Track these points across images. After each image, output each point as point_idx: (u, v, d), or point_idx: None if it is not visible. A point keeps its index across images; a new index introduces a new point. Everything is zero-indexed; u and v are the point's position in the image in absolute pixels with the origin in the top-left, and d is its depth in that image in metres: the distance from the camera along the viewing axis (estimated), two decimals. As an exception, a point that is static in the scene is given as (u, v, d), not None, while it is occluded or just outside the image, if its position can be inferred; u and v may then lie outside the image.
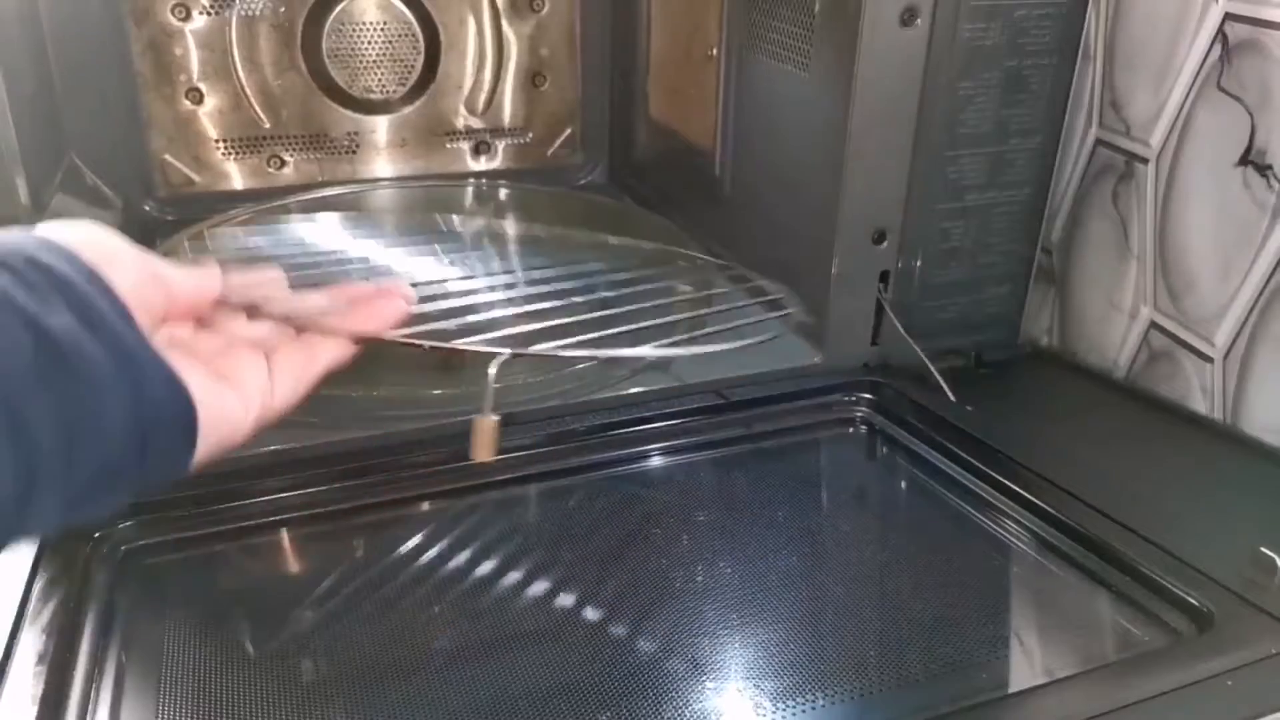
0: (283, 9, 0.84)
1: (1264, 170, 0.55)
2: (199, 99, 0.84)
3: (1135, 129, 0.63)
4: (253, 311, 0.34)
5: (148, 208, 0.85)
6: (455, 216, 0.78)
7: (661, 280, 0.54)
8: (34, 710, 0.37)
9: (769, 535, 0.52)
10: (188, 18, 0.81)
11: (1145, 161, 0.62)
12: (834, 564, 0.51)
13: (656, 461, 0.59)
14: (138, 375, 0.27)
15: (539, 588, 0.48)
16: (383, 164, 0.92)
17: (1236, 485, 0.54)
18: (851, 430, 0.64)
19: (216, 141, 0.86)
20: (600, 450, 0.59)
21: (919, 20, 0.58)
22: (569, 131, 0.98)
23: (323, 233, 0.72)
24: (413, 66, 0.89)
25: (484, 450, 0.40)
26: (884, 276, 0.64)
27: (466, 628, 0.45)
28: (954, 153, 0.62)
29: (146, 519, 0.50)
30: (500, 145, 0.96)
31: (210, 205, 0.84)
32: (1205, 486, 0.54)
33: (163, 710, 0.39)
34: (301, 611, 0.47)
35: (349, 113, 0.89)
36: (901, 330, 0.64)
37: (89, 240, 0.28)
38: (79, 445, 0.25)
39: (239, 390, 0.31)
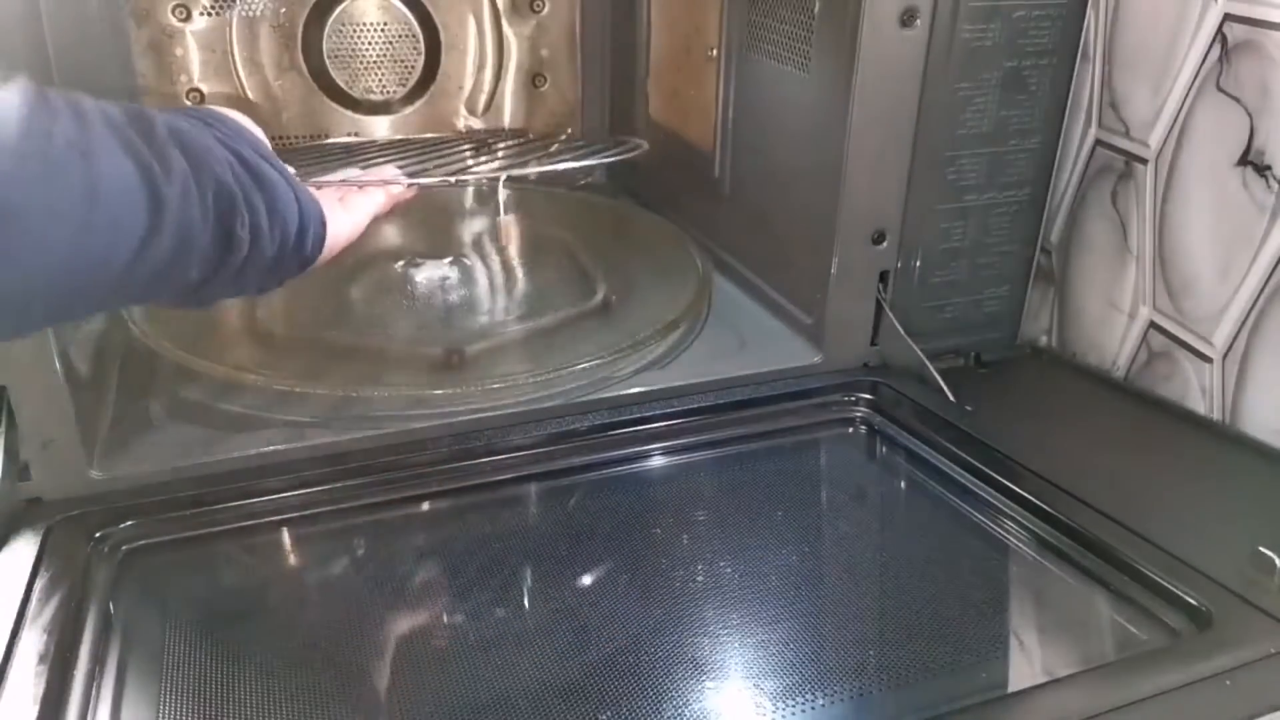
0: (283, 10, 0.84)
1: (1263, 170, 0.55)
2: (200, 99, 0.84)
3: (1134, 129, 0.63)
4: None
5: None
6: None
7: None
8: (35, 710, 0.38)
9: (769, 535, 0.52)
10: (188, 18, 0.82)
11: (1144, 162, 0.62)
12: (834, 564, 0.51)
13: (656, 461, 0.59)
14: (299, 194, 0.41)
15: (539, 587, 0.48)
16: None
17: (1235, 485, 0.54)
18: (851, 430, 0.64)
19: (217, 142, 0.86)
20: (600, 450, 0.59)
21: (918, 21, 0.58)
22: (569, 132, 0.98)
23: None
24: (413, 67, 0.90)
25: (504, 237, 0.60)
26: (883, 277, 0.64)
27: (466, 627, 0.46)
28: (953, 153, 0.62)
29: (147, 519, 0.50)
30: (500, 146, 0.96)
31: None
32: (1204, 486, 0.54)
33: (163, 709, 0.40)
34: (301, 611, 0.48)
35: (350, 113, 0.89)
36: (901, 330, 0.65)
37: (241, 118, 0.42)
38: (275, 226, 0.39)
39: (336, 218, 0.45)
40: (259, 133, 0.42)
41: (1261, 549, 0.45)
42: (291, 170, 0.43)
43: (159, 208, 0.34)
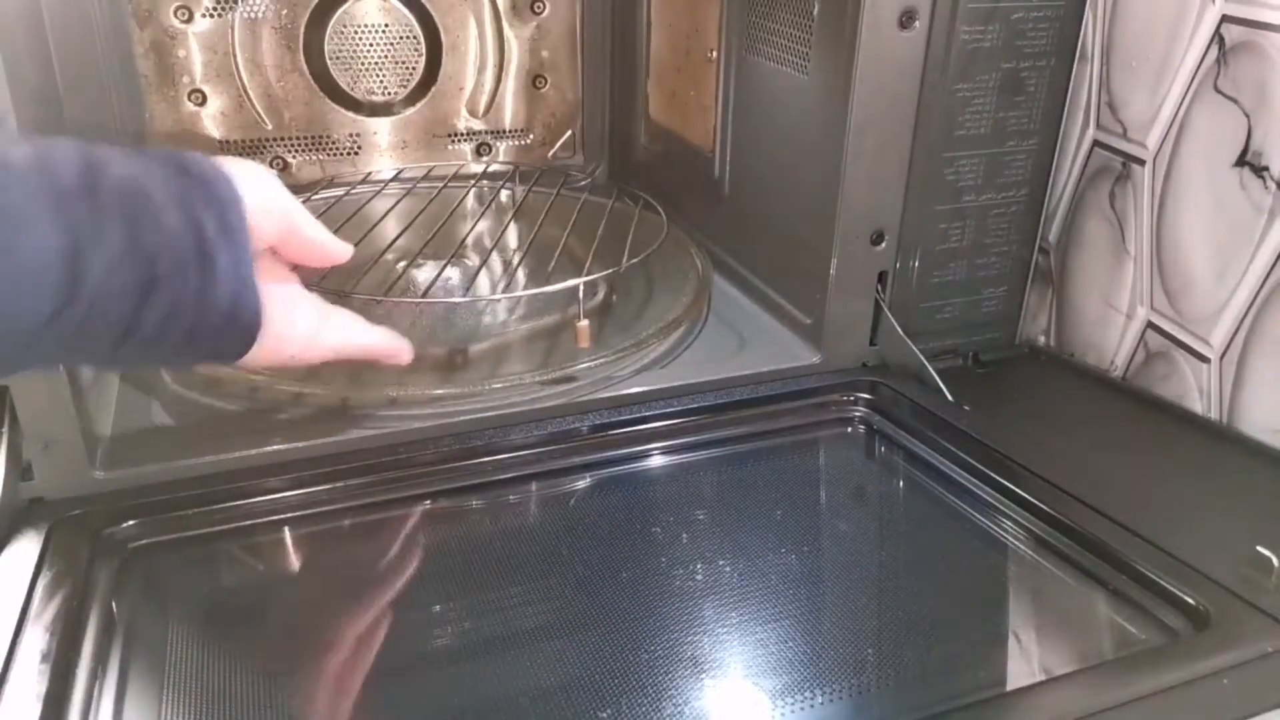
0: (285, 11, 0.84)
1: (1260, 171, 0.55)
2: (202, 101, 0.84)
3: (1132, 130, 0.63)
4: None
5: (150, 209, 0.85)
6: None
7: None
8: (38, 708, 0.38)
9: (768, 534, 0.52)
10: (190, 20, 0.82)
11: (1142, 163, 0.63)
12: (832, 563, 0.51)
13: (656, 461, 0.59)
14: (241, 286, 0.38)
15: (539, 587, 0.48)
16: (385, 166, 0.92)
17: (1233, 485, 0.55)
18: (850, 430, 0.64)
19: (219, 143, 0.86)
20: (600, 450, 0.59)
21: (917, 22, 0.58)
22: (570, 133, 0.98)
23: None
24: (414, 69, 0.90)
25: (584, 340, 0.62)
26: (882, 277, 0.65)
27: (467, 626, 0.46)
28: (952, 154, 0.62)
29: (150, 518, 0.50)
30: (501, 147, 0.96)
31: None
32: (1202, 486, 0.55)
33: (165, 708, 0.40)
34: (303, 610, 0.48)
35: (351, 115, 0.89)
36: (899, 331, 0.65)
37: (250, 178, 0.40)
38: (200, 302, 0.37)
39: (291, 328, 0.44)
40: (260, 196, 0.40)
41: (1259, 548, 0.46)
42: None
43: (76, 281, 0.33)
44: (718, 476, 0.59)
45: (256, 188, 0.40)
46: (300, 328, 0.44)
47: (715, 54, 0.76)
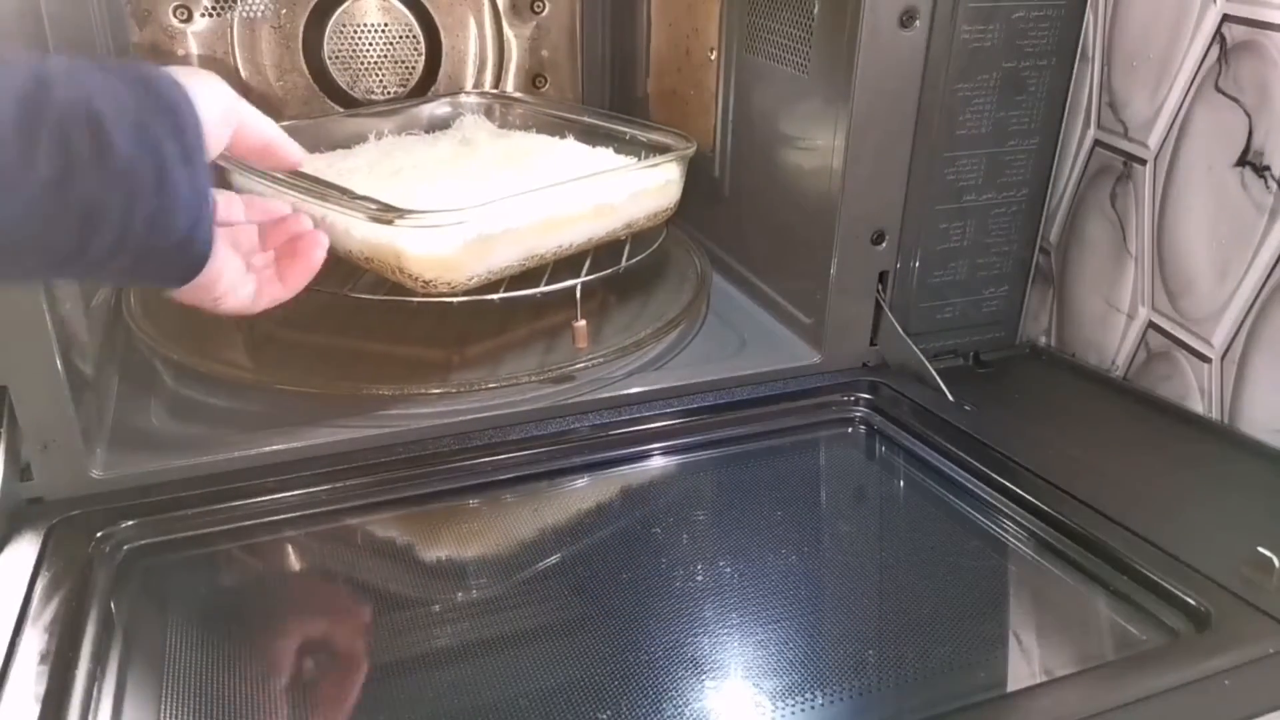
0: (284, 11, 0.84)
1: (1261, 171, 0.55)
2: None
3: (1133, 130, 0.63)
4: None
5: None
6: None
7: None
8: (37, 709, 0.38)
9: (768, 535, 0.52)
10: (189, 19, 0.82)
11: (1143, 162, 0.62)
12: (833, 563, 0.51)
13: (657, 462, 0.59)
14: (199, 215, 0.39)
15: (539, 587, 0.48)
16: (383, 165, 0.92)
17: (1234, 485, 0.55)
18: (850, 430, 0.64)
19: (218, 143, 0.86)
20: (600, 450, 0.59)
21: (917, 22, 0.58)
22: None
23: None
24: (414, 68, 0.90)
25: (581, 340, 0.63)
26: (883, 277, 0.65)
27: (466, 627, 0.46)
28: (953, 154, 0.62)
29: (148, 519, 0.50)
30: (501, 146, 0.96)
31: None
32: (1203, 486, 0.55)
33: (164, 708, 0.40)
34: (301, 611, 0.48)
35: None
36: (900, 331, 0.65)
37: (203, 90, 0.39)
38: (152, 231, 0.37)
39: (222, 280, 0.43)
40: (216, 110, 0.40)
41: (1260, 549, 0.45)
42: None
43: None
44: (718, 477, 0.59)
45: (211, 101, 0.40)
46: (229, 274, 0.43)
47: (715, 53, 0.76)
